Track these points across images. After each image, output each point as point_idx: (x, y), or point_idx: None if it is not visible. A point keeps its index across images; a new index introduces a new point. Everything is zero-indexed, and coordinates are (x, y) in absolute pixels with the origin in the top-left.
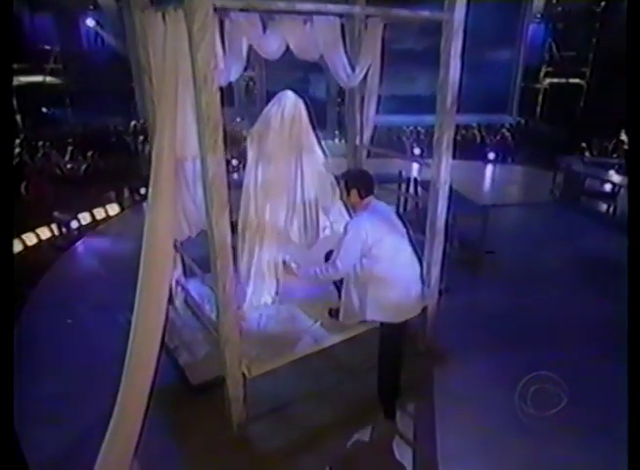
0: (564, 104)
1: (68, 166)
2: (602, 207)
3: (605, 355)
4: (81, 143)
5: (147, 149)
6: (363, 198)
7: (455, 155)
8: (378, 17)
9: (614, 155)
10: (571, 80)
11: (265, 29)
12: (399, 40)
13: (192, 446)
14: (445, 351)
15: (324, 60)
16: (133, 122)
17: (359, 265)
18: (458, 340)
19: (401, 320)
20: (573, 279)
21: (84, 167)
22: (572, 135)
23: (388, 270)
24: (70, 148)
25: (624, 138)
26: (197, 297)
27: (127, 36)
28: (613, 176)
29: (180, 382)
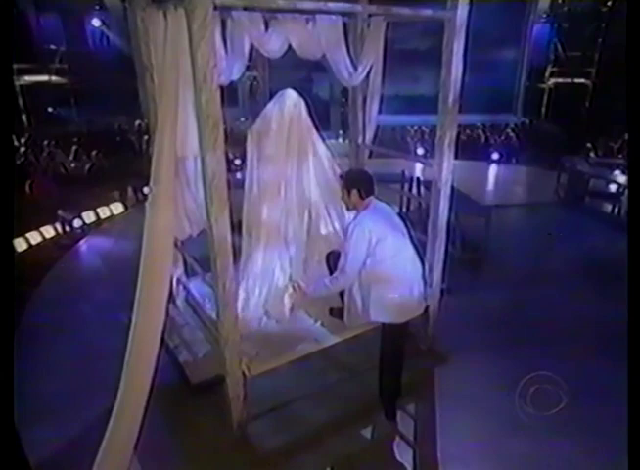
0: (569, 104)
1: (73, 166)
2: (607, 207)
3: (607, 356)
4: (86, 142)
5: (151, 148)
6: (364, 198)
7: (459, 155)
8: (380, 15)
9: (619, 155)
10: (577, 80)
11: (267, 28)
12: (403, 40)
13: (191, 444)
14: (447, 351)
15: (326, 59)
16: (138, 122)
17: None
18: (460, 340)
19: (404, 320)
20: (577, 280)
21: (88, 167)
22: (578, 135)
23: (391, 270)
24: (75, 147)
25: None
26: (197, 296)
27: (132, 36)
28: (618, 177)
29: (180, 380)
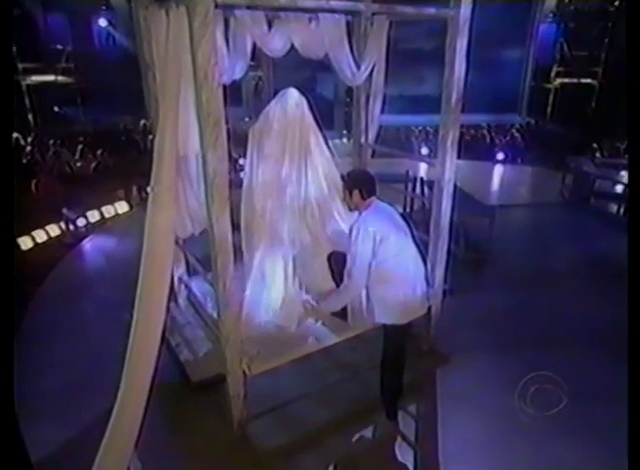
0: (575, 104)
1: (78, 165)
2: (612, 208)
3: (610, 358)
4: (91, 141)
5: None
6: (365, 199)
7: (464, 155)
8: (383, 14)
9: (625, 155)
10: (583, 80)
11: (270, 27)
12: (408, 40)
13: (192, 442)
14: (448, 351)
15: (329, 58)
16: (143, 121)
17: None
18: (461, 340)
19: (407, 321)
20: (581, 281)
21: (94, 166)
22: (584, 136)
23: (394, 270)
24: (80, 146)
25: None
26: (199, 294)
27: (136, 35)
28: (624, 177)
29: (181, 379)
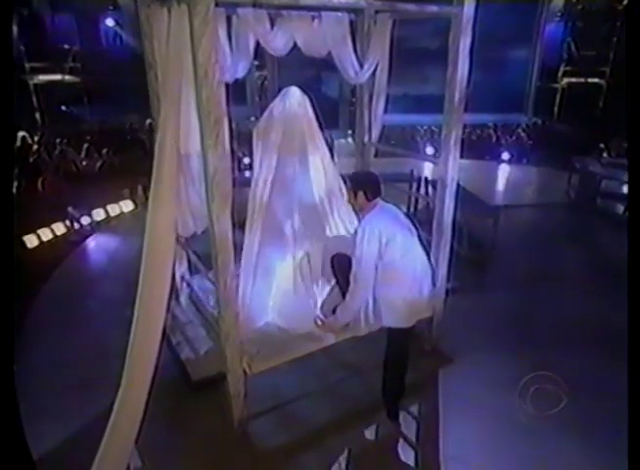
0: (582, 104)
1: (84, 163)
2: (618, 208)
3: (613, 359)
4: (97, 141)
5: None
6: (370, 200)
7: (470, 154)
8: (386, 12)
9: None
10: (591, 80)
11: (273, 26)
12: (413, 39)
13: (192, 441)
14: (451, 351)
15: (332, 56)
16: (148, 121)
17: None
18: (464, 341)
19: (413, 323)
20: (585, 282)
21: (99, 165)
22: (591, 136)
23: (401, 270)
24: (86, 145)
25: None
26: (200, 293)
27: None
28: None
29: (182, 378)
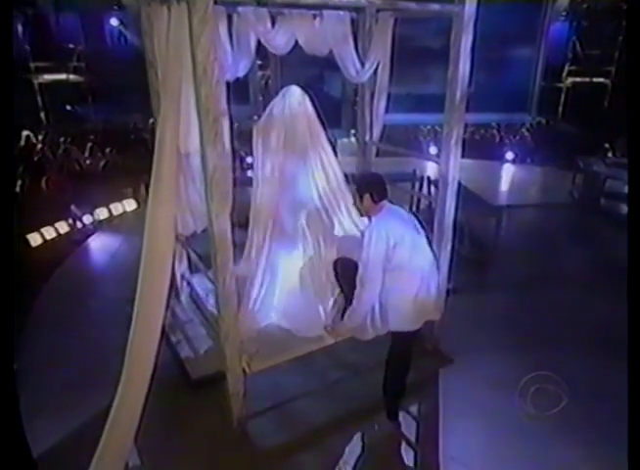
0: (587, 103)
1: (88, 162)
2: (623, 209)
3: (613, 359)
4: (101, 140)
5: None
6: (377, 202)
7: (474, 154)
8: (388, 10)
9: None
10: (596, 79)
11: (274, 24)
12: (416, 38)
13: (191, 440)
14: (452, 351)
15: (334, 55)
16: (152, 120)
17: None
18: (465, 341)
19: (420, 325)
20: (587, 282)
21: (103, 164)
22: (595, 136)
23: (409, 274)
24: (90, 144)
25: None
26: (201, 292)
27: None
28: None
29: (181, 376)
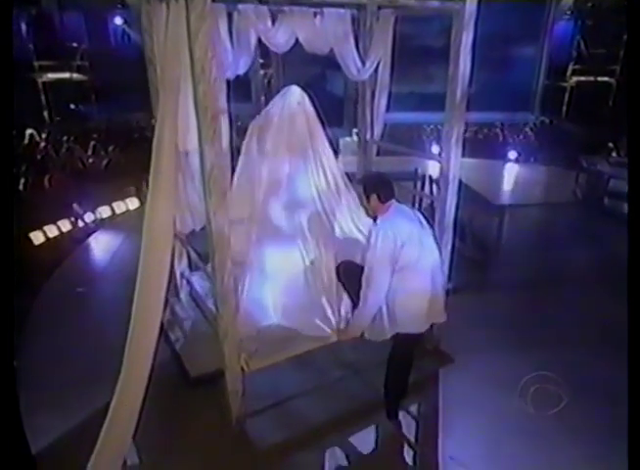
0: (591, 103)
1: (91, 161)
2: (626, 208)
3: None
4: (104, 138)
5: None
6: (383, 202)
7: (477, 153)
8: (389, 8)
9: None
10: (600, 78)
11: (275, 22)
12: (419, 37)
13: (190, 438)
14: (452, 351)
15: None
16: (154, 119)
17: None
18: (466, 341)
19: (427, 327)
20: (590, 282)
21: (106, 162)
22: (600, 135)
23: (418, 275)
24: (93, 143)
25: None
26: (200, 290)
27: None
28: None
29: (180, 374)
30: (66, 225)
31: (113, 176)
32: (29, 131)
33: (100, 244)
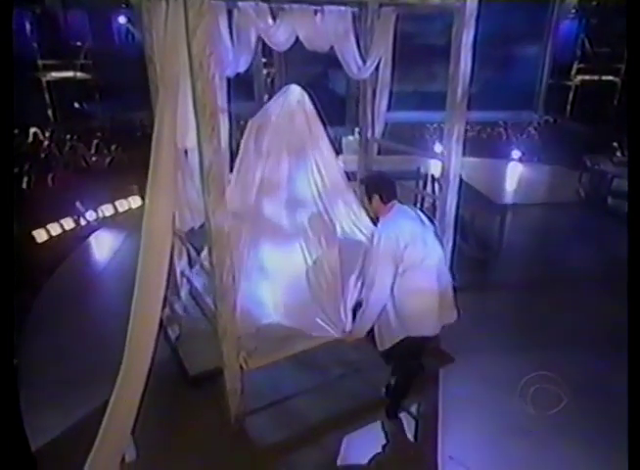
0: (596, 102)
1: (94, 159)
2: None
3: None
4: (107, 137)
5: None
6: (386, 203)
7: (480, 153)
8: (390, 6)
9: None
10: (605, 77)
11: (275, 20)
12: (421, 36)
13: (188, 436)
14: (453, 350)
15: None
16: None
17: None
18: (466, 340)
19: (438, 330)
20: (592, 282)
21: (109, 161)
22: (604, 134)
23: (423, 276)
24: (96, 141)
25: None
26: (200, 288)
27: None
28: None
29: (179, 372)
30: (69, 223)
31: (116, 175)
32: (33, 130)
33: (103, 242)
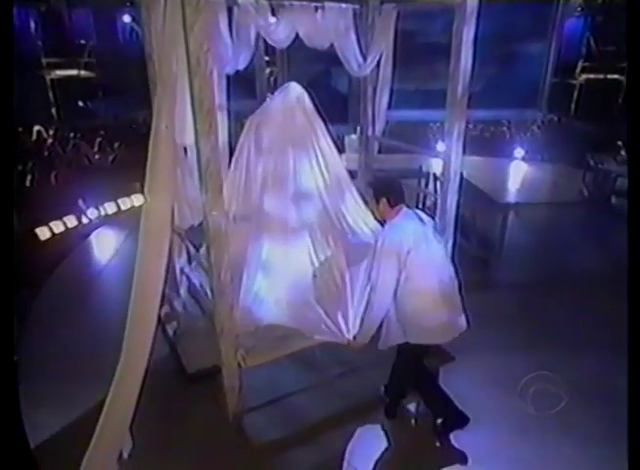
0: (600, 100)
1: (97, 157)
2: None
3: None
4: (110, 135)
5: None
6: (393, 207)
7: (483, 151)
8: (391, 3)
9: None
10: (610, 76)
11: (275, 17)
12: (424, 34)
13: (186, 433)
14: (453, 349)
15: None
16: None
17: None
18: (466, 340)
19: (446, 339)
20: (596, 282)
21: (111, 158)
22: (608, 133)
23: (427, 282)
24: (99, 139)
25: None
26: (198, 285)
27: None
28: None
29: (177, 370)
30: (72, 221)
31: (118, 173)
32: (37, 128)
33: (105, 240)
